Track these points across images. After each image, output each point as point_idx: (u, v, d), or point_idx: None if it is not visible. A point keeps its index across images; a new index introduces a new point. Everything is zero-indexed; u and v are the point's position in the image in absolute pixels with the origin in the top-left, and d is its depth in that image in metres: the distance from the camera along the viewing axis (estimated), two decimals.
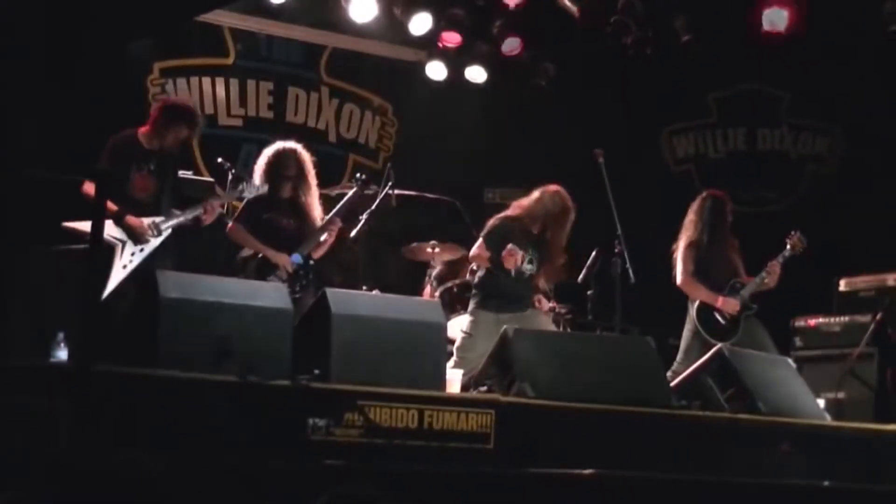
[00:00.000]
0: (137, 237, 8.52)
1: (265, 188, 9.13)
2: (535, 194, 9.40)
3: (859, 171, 12.50)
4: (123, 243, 8.49)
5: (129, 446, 5.52)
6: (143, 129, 8.85)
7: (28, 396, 5.85)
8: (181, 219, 8.80)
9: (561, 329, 10.27)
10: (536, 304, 9.51)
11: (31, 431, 5.71)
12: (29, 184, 8.41)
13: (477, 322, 9.18)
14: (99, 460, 5.39)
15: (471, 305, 9.35)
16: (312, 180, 9.32)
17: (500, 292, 9.16)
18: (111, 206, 8.29)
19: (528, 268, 9.20)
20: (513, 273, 9.09)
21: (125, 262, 8.48)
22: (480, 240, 9.29)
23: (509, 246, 8.99)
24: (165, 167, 8.86)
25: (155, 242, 8.61)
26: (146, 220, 8.59)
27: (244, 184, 9.15)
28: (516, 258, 9.00)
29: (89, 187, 8.32)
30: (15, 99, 8.64)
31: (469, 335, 9.12)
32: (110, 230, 8.32)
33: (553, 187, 9.39)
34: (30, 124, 8.81)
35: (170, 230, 8.72)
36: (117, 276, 8.41)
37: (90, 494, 5.29)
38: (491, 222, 9.39)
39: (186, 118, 8.96)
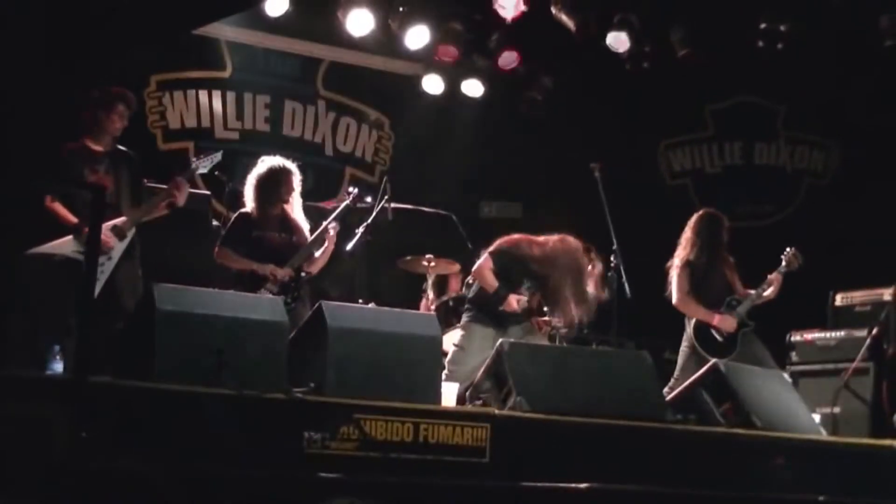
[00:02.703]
0: (102, 249, 8.21)
1: (218, 156, 9.03)
2: (554, 237, 9.25)
3: (856, 184, 12.51)
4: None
5: (125, 458, 5.52)
6: (85, 138, 8.68)
7: (24, 408, 5.84)
8: (147, 211, 8.62)
9: (557, 343, 10.27)
10: (534, 323, 9.48)
11: (27, 443, 5.70)
12: (26, 193, 8.41)
13: (469, 336, 9.16)
14: (94, 472, 5.39)
15: (464, 319, 9.33)
16: (298, 196, 9.30)
17: (494, 308, 9.14)
18: (71, 219, 8.26)
19: (524, 294, 9.16)
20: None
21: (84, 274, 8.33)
22: (488, 256, 9.22)
23: (518, 298, 9.02)
24: (118, 165, 8.67)
25: (121, 247, 8.43)
26: (108, 226, 8.34)
27: (201, 157, 9.01)
28: (514, 306, 9.03)
29: (49, 201, 8.30)
30: (11, 108, 8.64)
31: (461, 348, 9.10)
32: (72, 247, 8.19)
33: (569, 241, 9.25)
34: (27, 134, 8.80)
35: (134, 230, 8.53)
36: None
37: None
38: (501, 243, 9.28)
39: (110, 97, 8.76)
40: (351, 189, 9.82)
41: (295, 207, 9.26)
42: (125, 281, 8.43)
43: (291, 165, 9.30)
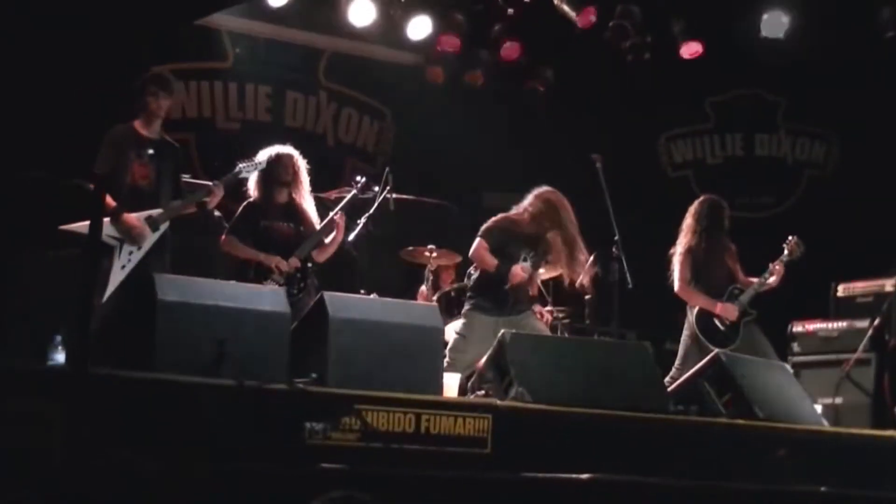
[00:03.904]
0: (134, 237, 8.44)
1: (263, 163, 9.09)
2: (529, 198, 9.39)
3: (856, 176, 12.51)
4: (121, 242, 8.39)
5: (125, 449, 5.52)
6: (137, 121, 8.77)
7: (25, 399, 5.84)
8: (183, 207, 8.72)
9: (558, 333, 10.28)
10: (535, 312, 9.50)
11: (28, 434, 5.70)
12: (24, 186, 8.41)
13: (471, 324, 9.17)
14: (94, 463, 5.39)
15: (466, 307, 9.34)
16: (306, 184, 9.31)
17: (495, 295, 9.15)
18: (109, 202, 8.27)
19: (525, 266, 9.19)
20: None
21: (123, 263, 8.40)
22: (480, 239, 9.27)
23: (522, 266, 9.04)
24: (164, 154, 8.77)
25: (153, 238, 8.52)
26: (142, 215, 8.48)
27: (241, 164, 9.06)
28: (521, 275, 9.04)
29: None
30: (9, 102, 8.63)
31: (462, 337, 9.11)
32: (107, 230, 8.26)
33: (544, 189, 9.41)
34: (25, 127, 8.80)
35: (167, 224, 8.63)
36: (116, 277, 8.35)
37: (86, 497, 5.29)
38: (490, 222, 9.38)
39: (154, 81, 8.87)
40: (358, 178, 9.82)
41: (304, 196, 9.26)
42: (154, 271, 8.44)
43: (292, 150, 9.31)
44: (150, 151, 8.68)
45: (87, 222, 8.02)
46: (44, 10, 8.71)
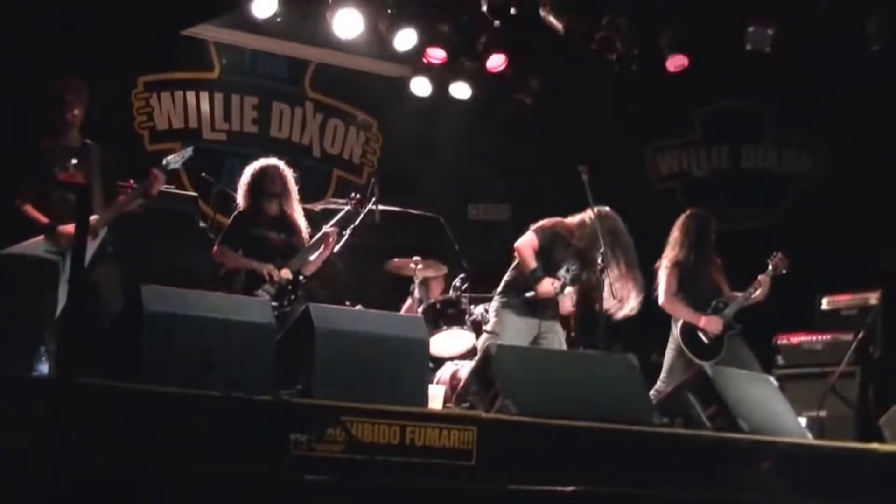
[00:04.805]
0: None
1: (189, 151, 8.94)
2: (588, 212, 9.35)
3: (843, 188, 12.52)
4: (63, 256, 8.16)
5: (111, 460, 5.51)
6: (55, 131, 8.59)
7: (9, 409, 5.82)
8: (120, 210, 8.51)
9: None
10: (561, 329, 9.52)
11: (14, 445, 5.69)
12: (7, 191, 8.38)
13: (502, 323, 9.25)
14: (80, 474, 5.38)
15: (496, 304, 9.38)
16: (295, 195, 9.34)
17: (524, 292, 9.20)
18: (41, 218, 8.21)
19: (563, 276, 9.23)
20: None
21: (69, 275, 8.29)
22: (533, 233, 9.31)
23: (552, 281, 9.13)
24: (87, 158, 8.59)
25: (93, 246, 8.28)
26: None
27: (168, 157, 8.87)
28: (548, 289, 9.08)
29: (21, 203, 8.26)
30: None
31: (495, 334, 9.15)
32: (45, 247, 8.14)
33: (605, 209, 9.40)
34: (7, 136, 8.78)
35: (105, 229, 8.44)
36: (64, 290, 8.20)
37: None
38: (546, 221, 9.41)
39: (60, 87, 8.67)
40: (353, 194, 9.84)
41: (294, 207, 9.29)
42: (104, 280, 8.33)
43: (279, 161, 9.34)
44: (74, 161, 8.54)
45: (25, 243, 8.08)
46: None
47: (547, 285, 9.13)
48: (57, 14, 9.38)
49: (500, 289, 9.47)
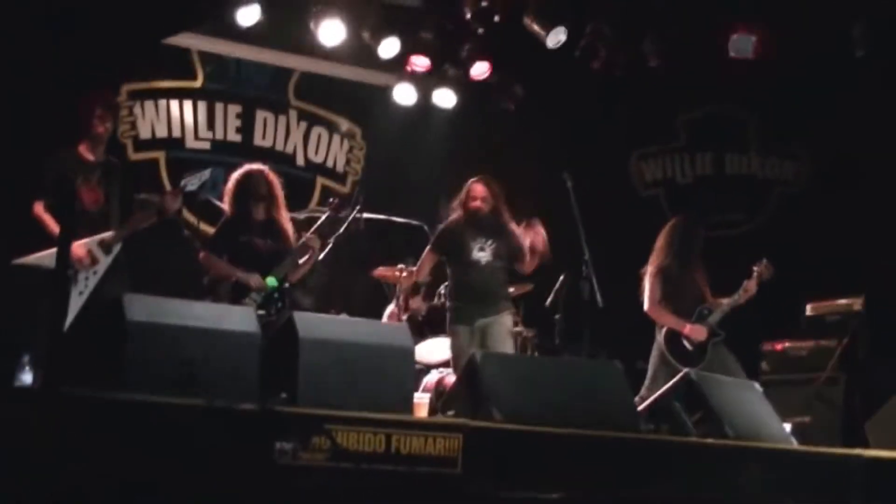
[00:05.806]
0: (83, 267, 8.28)
1: (207, 173, 8.97)
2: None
3: (827, 194, 12.54)
4: (75, 270, 8.26)
5: (94, 470, 5.48)
6: (80, 145, 8.68)
7: None
8: (135, 227, 8.59)
9: (529, 353, 10.28)
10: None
11: None
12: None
13: (457, 337, 9.25)
14: (65, 484, 5.35)
15: (448, 320, 9.39)
16: (282, 201, 9.33)
17: (470, 297, 9.22)
18: (53, 227, 8.19)
19: (482, 255, 9.26)
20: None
21: (80, 289, 8.28)
22: (425, 253, 9.69)
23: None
24: (110, 176, 8.69)
25: (106, 261, 8.41)
26: (95, 240, 8.38)
27: (186, 178, 8.87)
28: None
29: (39, 209, 8.25)
30: None
31: (456, 356, 9.18)
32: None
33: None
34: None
35: (119, 245, 8.51)
36: (75, 303, 8.24)
37: None
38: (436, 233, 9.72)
39: (101, 104, 8.74)
40: (332, 199, 9.83)
41: (282, 213, 9.28)
42: (118, 295, 8.34)
43: (262, 166, 9.33)
44: (98, 176, 8.59)
45: (41, 254, 8.06)
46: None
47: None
48: (40, 23, 9.35)
49: (447, 303, 9.61)
